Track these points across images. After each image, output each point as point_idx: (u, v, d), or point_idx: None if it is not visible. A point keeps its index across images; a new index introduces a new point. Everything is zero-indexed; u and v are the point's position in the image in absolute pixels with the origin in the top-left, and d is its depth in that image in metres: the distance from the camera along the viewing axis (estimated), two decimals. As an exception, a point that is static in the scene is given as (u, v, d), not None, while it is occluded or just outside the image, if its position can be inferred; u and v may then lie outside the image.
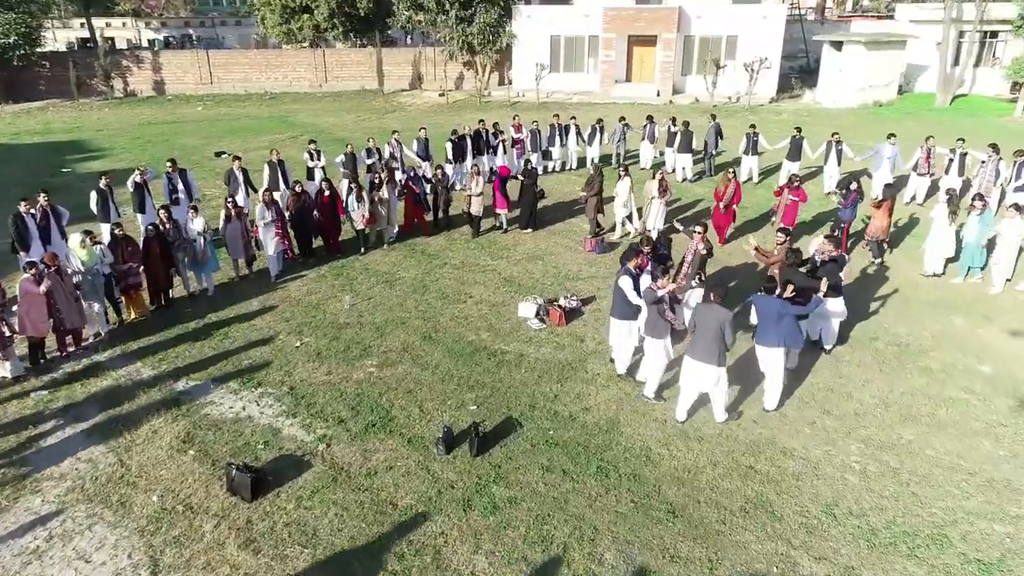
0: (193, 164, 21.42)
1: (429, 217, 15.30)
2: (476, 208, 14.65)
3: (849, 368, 9.66)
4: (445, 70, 36.14)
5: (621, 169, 14.65)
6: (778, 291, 8.70)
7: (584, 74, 35.21)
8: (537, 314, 11.08)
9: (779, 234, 10.54)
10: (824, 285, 9.09)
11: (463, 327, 10.89)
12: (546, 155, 20.10)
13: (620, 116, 20.71)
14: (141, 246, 11.04)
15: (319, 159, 16.24)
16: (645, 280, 8.94)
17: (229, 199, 12.32)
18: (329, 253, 13.84)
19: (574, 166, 20.71)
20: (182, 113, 33.50)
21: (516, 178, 15.79)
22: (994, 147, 15.46)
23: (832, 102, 31.53)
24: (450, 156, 17.80)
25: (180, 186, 14.14)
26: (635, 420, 8.50)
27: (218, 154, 22.90)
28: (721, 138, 19.67)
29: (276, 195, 14.64)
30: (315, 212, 13.37)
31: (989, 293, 12.03)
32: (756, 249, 10.53)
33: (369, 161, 16.76)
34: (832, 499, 7.15)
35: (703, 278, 10.17)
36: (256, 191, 14.23)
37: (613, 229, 15.04)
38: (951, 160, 16.19)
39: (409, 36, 46.92)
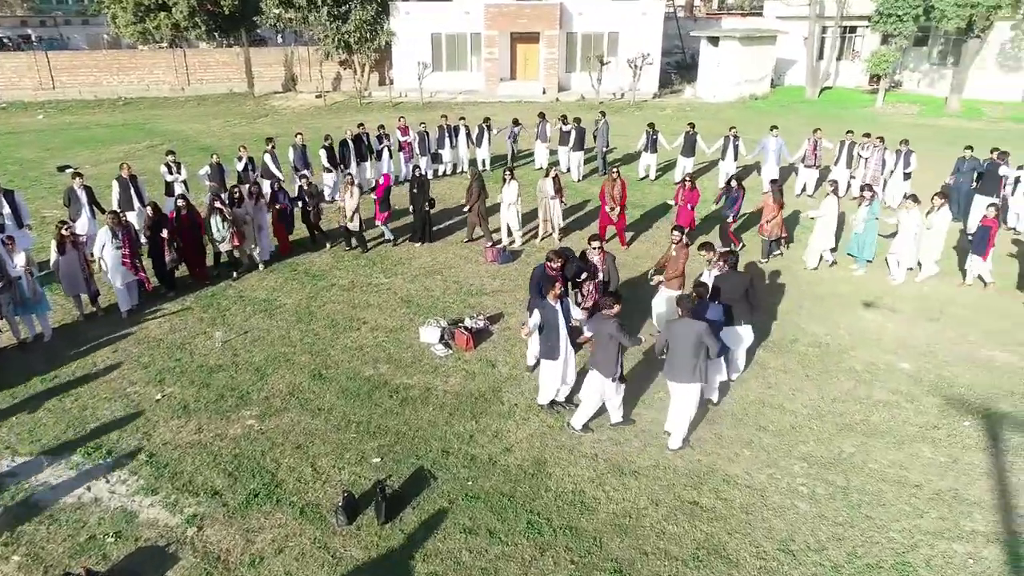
0: (32, 182, 18.76)
1: (297, 235, 13.78)
2: (353, 222, 13.28)
3: (776, 376, 9.15)
4: (321, 70, 34.09)
5: (507, 172, 13.66)
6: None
7: (468, 73, 34.22)
8: (441, 339, 9.93)
9: (674, 232, 9.90)
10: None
11: (358, 360, 9.58)
12: (436, 158, 18.92)
13: (514, 119, 19.81)
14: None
15: (179, 172, 14.33)
16: (577, 312, 8.06)
17: (64, 225, 10.30)
18: (195, 281, 12.05)
19: (465, 169, 19.63)
20: (18, 123, 29.64)
21: (409, 183, 14.45)
22: (880, 138, 15.78)
23: (712, 96, 32.18)
24: (325, 163, 16.26)
25: (6, 211, 11.94)
26: (563, 458, 7.55)
27: (61, 168, 20.10)
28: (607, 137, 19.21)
29: (131, 215, 12.80)
30: (171, 234, 11.52)
31: (891, 284, 12.02)
32: (660, 276, 9.97)
33: (240, 167, 14.97)
34: (787, 533, 6.47)
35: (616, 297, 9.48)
36: (104, 212, 12.21)
37: (497, 231, 14.06)
38: (839, 152, 16.42)
39: (280, 35, 44.15)
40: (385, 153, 17.74)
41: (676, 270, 9.78)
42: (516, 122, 19.61)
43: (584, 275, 9.43)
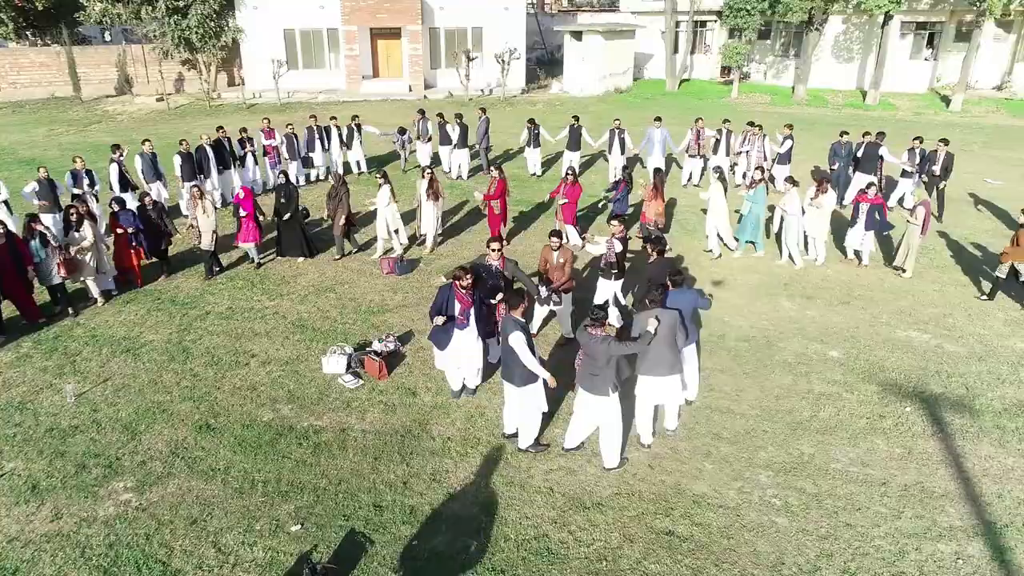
0: None
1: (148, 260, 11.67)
2: (206, 241, 11.37)
3: (715, 376, 8.71)
4: (161, 71, 30.79)
5: (379, 175, 12.40)
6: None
7: (327, 71, 32.22)
8: (349, 367, 8.69)
9: (553, 238, 9.12)
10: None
11: (252, 402, 8.13)
12: (307, 162, 17.28)
13: (400, 127, 18.44)
14: None
15: (-2, 190, 11.97)
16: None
17: None
18: (29, 322, 9.93)
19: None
20: None
21: (275, 191, 12.70)
22: (759, 126, 16.09)
23: (579, 90, 32.28)
24: (179, 172, 14.26)
25: None
26: (515, 496, 6.63)
27: None
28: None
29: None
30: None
31: (794, 268, 12.09)
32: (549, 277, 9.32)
33: (76, 190, 12.75)
34: (775, 556, 5.92)
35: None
36: None
37: (371, 244, 12.88)
38: (717, 141, 16.61)
39: (107, 32, 39.66)
40: (249, 159, 15.95)
41: (564, 273, 9.15)
42: (403, 130, 18.33)
43: (500, 293, 8.55)
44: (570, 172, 12.92)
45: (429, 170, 12.66)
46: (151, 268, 11.72)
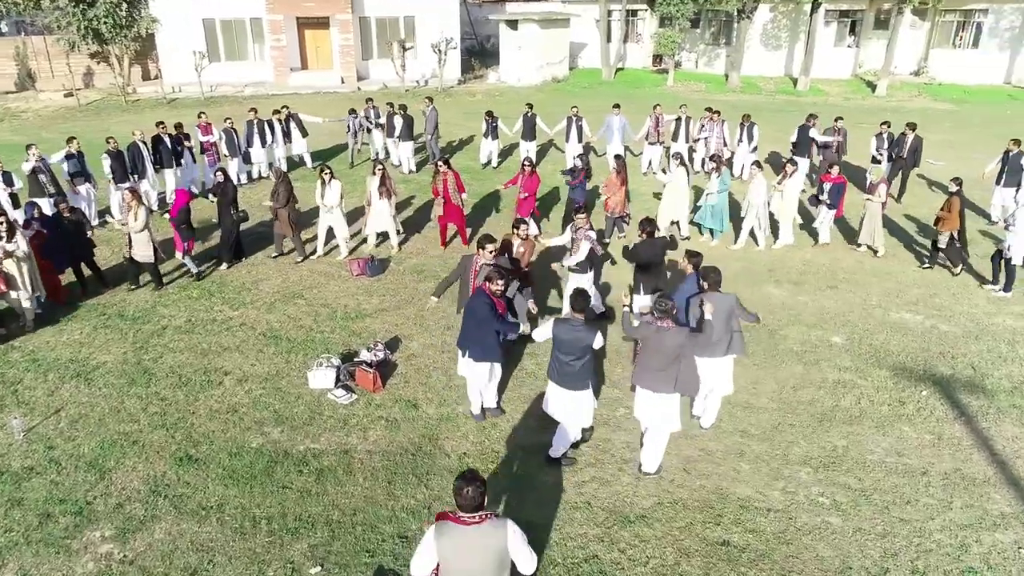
0: None
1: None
2: (141, 252, 10.05)
3: (726, 369, 8.40)
4: (69, 64, 28.35)
5: (326, 171, 11.38)
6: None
7: (252, 62, 30.47)
8: (339, 381, 7.91)
9: (520, 227, 8.74)
10: None
11: (236, 427, 7.25)
12: (248, 159, 16.11)
13: (351, 109, 17.46)
14: None
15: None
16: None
17: None
18: (-43, 348, 8.68)
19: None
20: None
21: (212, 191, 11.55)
22: (717, 112, 15.99)
23: (517, 80, 31.76)
24: (109, 174, 12.93)
25: None
26: (552, 513, 6.06)
27: None
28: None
29: None
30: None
31: (755, 251, 12.07)
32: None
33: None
34: (840, 561, 5.60)
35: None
36: None
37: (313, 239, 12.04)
38: (676, 128, 16.45)
39: (2, 22, 36.29)
40: (187, 156, 14.68)
41: (524, 264, 8.74)
42: (353, 112, 17.33)
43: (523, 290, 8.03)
44: (527, 163, 12.38)
45: (380, 166, 11.82)
46: (88, 282, 10.50)
